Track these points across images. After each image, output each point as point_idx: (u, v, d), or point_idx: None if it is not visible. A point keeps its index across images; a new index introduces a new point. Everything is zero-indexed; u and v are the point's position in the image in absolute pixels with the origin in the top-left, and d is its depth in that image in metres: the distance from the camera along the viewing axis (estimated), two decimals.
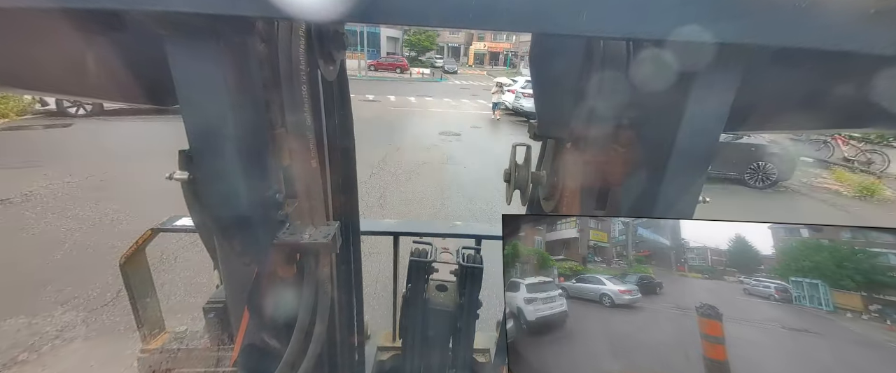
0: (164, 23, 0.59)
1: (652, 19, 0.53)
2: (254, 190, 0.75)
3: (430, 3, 0.51)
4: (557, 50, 0.84)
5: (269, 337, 1.00)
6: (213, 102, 0.65)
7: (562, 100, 0.89)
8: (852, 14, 0.54)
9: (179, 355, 1.92)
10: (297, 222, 0.89)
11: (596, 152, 0.90)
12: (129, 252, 1.74)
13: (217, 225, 0.78)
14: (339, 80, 1.05)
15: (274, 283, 0.95)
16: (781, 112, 0.74)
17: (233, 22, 0.62)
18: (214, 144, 0.69)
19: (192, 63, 0.62)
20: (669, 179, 0.75)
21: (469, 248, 1.70)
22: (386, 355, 2.06)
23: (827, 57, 0.58)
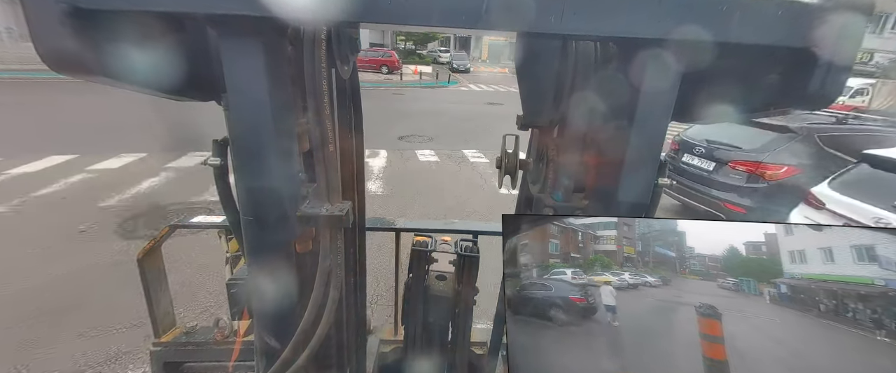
0: (218, 24, 0.74)
1: (619, 21, 0.68)
2: (283, 168, 0.90)
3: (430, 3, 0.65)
4: (536, 46, 1.00)
5: (286, 310, 1.11)
6: (255, 94, 0.80)
7: (542, 92, 1.03)
8: (766, 14, 0.70)
9: (189, 349, 2.00)
10: (315, 200, 1.02)
11: (573, 139, 1.05)
12: (147, 247, 1.85)
13: (249, 200, 0.92)
14: (352, 78, 1.20)
15: (294, 256, 1.07)
16: (716, 102, 0.89)
17: (271, 24, 0.77)
18: (254, 128, 0.84)
19: (240, 59, 0.77)
20: (629, 164, 0.89)
21: (466, 240, 1.82)
22: (388, 348, 2.15)
23: (751, 50, 0.73)
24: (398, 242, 2.14)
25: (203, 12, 0.66)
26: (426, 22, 0.66)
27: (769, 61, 0.81)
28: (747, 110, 0.90)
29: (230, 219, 1.10)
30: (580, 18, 0.67)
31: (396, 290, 2.19)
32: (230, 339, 2.02)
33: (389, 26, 0.77)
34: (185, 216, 1.99)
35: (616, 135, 0.91)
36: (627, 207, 0.94)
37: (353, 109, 1.29)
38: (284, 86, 0.89)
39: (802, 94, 0.77)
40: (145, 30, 0.74)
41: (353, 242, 1.54)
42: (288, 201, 0.93)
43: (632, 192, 0.93)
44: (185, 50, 0.83)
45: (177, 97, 0.92)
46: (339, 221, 0.99)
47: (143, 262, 1.85)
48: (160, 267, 1.97)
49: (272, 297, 1.08)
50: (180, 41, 0.82)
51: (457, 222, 2.12)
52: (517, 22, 0.68)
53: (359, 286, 1.67)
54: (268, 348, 1.12)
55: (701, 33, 0.69)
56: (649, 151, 0.89)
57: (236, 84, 0.80)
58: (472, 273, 1.67)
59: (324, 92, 0.94)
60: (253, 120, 0.84)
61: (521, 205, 1.52)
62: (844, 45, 0.71)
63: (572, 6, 0.66)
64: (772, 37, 0.71)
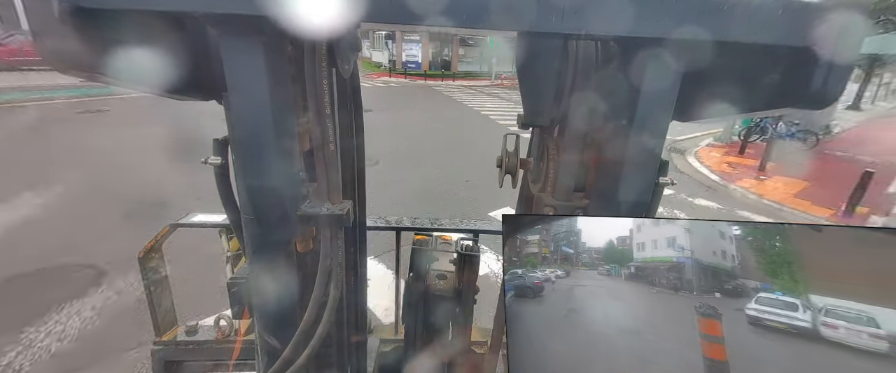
0: (218, 23, 0.74)
1: (620, 20, 0.68)
2: (283, 167, 0.90)
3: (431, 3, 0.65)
4: (537, 46, 1.00)
5: (287, 309, 1.11)
6: (256, 93, 0.80)
7: (543, 92, 1.03)
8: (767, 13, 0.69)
9: (190, 348, 2.01)
10: (316, 199, 1.02)
11: (573, 139, 1.05)
12: (147, 246, 1.85)
13: (250, 199, 0.92)
14: (353, 78, 1.20)
15: (294, 255, 1.07)
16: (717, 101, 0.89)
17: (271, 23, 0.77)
18: (254, 127, 0.84)
19: (240, 58, 0.77)
20: (629, 163, 0.89)
21: (467, 239, 1.82)
22: (388, 348, 2.15)
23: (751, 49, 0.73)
24: (399, 241, 2.14)
25: (203, 11, 0.66)
26: (427, 22, 0.66)
27: (770, 60, 0.81)
28: (748, 110, 0.91)
29: (231, 218, 1.10)
30: (581, 18, 0.67)
31: (397, 289, 2.20)
32: (231, 338, 2.02)
33: (390, 26, 0.77)
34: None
35: (617, 134, 0.91)
36: (628, 206, 0.94)
37: (353, 109, 1.29)
38: (285, 85, 0.89)
39: (803, 93, 0.77)
40: (146, 29, 0.74)
41: (354, 241, 1.54)
42: (288, 201, 0.94)
43: (632, 191, 0.93)
44: (185, 49, 0.83)
45: (177, 96, 0.92)
46: (340, 220, 0.99)
47: (143, 261, 1.85)
48: (161, 265, 1.97)
49: (273, 296, 1.08)
50: (180, 40, 0.82)
51: (457, 222, 2.12)
52: (518, 21, 0.68)
53: (359, 286, 1.67)
54: (268, 347, 1.13)
55: (701, 32, 0.69)
56: (650, 151, 0.89)
57: (236, 83, 0.80)
58: (472, 272, 1.67)
59: (324, 91, 0.94)
60: (253, 119, 0.84)
61: (522, 204, 1.52)
62: (845, 45, 0.71)
63: (573, 6, 0.66)
64: (772, 36, 0.71)
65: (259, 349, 1.18)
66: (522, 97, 1.06)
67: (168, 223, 1.89)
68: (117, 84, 0.77)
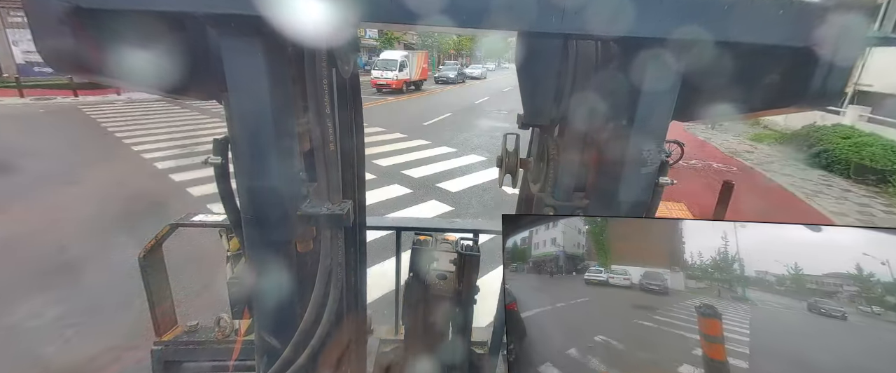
0: (218, 23, 0.74)
1: (620, 21, 0.68)
2: (283, 167, 0.90)
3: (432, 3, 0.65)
4: (537, 46, 0.99)
5: (287, 309, 1.11)
6: (256, 93, 0.81)
7: (543, 92, 1.03)
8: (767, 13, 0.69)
9: (190, 348, 2.00)
10: (316, 199, 1.02)
11: (573, 139, 1.04)
12: (148, 246, 1.85)
13: (250, 199, 0.92)
14: (352, 78, 1.20)
15: (294, 255, 1.07)
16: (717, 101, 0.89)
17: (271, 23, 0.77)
18: (255, 127, 0.84)
19: (240, 58, 0.77)
20: (629, 163, 0.89)
21: (467, 239, 1.82)
22: (388, 348, 2.15)
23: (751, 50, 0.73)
24: (399, 240, 2.14)
25: (203, 12, 0.66)
26: (427, 22, 0.66)
27: (770, 61, 0.81)
28: (748, 110, 0.90)
29: (231, 218, 1.09)
30: (581, 18, 0.67)
31: (397, 289, 2.19)
32: (231, 338, 2.02)
33: (390, 26, 0.77)
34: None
35: (617, 134, 0.91)
36: (628, 206, 0.94)
37: (353, 109, 1.28)
38: (285, 85, 0.89)
39: (803, 93, 0.77)
40: (146, 29, 0.74)
41: (354, 241, 1.54)
42: (288, 200, 0.93)
43: (632, 191, 0.93)
44: (185, 49, 0.83)
45: (177, 96, 0.92)
46: (340, 220, 0.99)
47: (143, 261, 1.85)
48: (161, 266, 1.97)
49: (273, 296, 1.08)
50: (181, 41, 0.82)
51: (458, 222, 2.12)
52: (518, 22, 0.68)
53: (359, 286, 1.67)
54: (268, 347, 1.13)
55: (702, 33, 0.69)
56: (650, 151, 0.89)
57: (237, 83, 0.80)
58: (472, 272, 1.67)
59: (324, 91, 0.94)
60: (253, 119, 0.84)
61: (522, 204, 1.52)
62: (845, 45, 0.71)
63: (573, 6, 0.66)
64: (772, 36, 0.71)
65: (258, 349, 1.18)
66: (522, 97, 1.06)
67: (168, 223, 1.89)
68: (117, 84, 0.77)
